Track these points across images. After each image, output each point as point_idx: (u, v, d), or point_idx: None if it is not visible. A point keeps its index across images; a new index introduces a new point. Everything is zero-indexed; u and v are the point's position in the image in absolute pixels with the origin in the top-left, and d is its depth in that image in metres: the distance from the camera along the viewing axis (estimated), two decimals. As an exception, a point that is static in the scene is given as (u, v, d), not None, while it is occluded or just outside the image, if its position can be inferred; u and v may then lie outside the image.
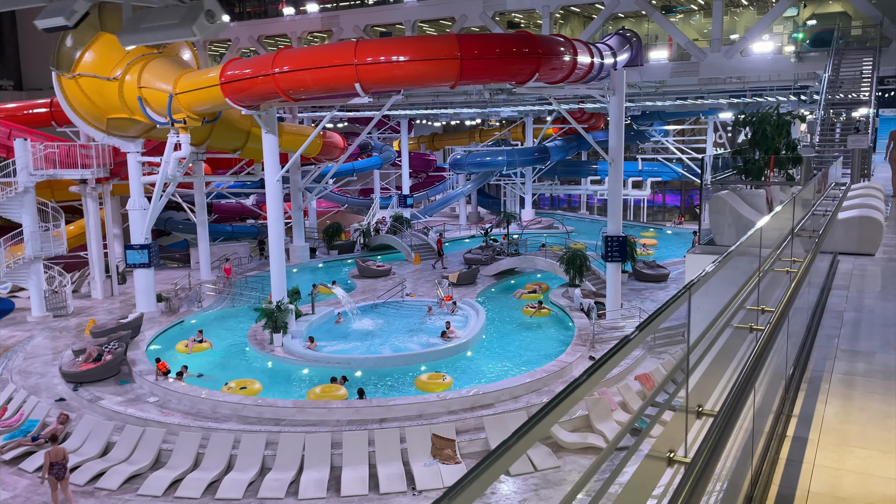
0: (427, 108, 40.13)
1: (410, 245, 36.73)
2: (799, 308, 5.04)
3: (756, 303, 3.62)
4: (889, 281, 7.03)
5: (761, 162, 10.14)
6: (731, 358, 3.33)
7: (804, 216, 6.65)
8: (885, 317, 5.56)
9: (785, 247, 4.86)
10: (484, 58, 18.80)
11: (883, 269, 7.72)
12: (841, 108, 23.94)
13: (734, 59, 29.34)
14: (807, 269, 5.09)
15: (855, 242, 8.44)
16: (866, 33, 28.12)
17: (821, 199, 7.06)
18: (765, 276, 3.71)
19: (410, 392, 18.53)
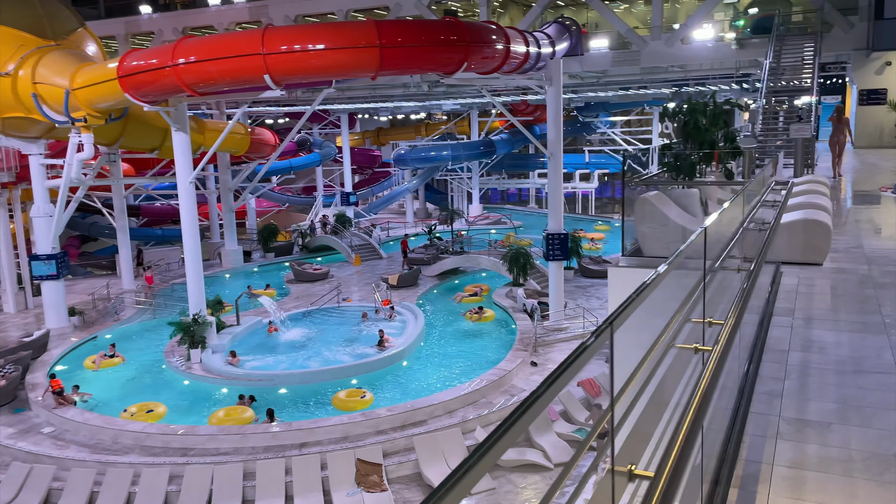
0: (366, 102, 38.49)
1: (351, 245, 35.13)
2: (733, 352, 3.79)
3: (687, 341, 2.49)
4: (841, 301, 5.88)
5: (694, 157, 8.98)
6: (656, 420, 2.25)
7: (742, 224, 5.50)
8: (840, 358, 4.39)
9: (720, 263, 3.68)
10: (406, 46, 17.34)
11: (832, 283, 6.58)
12: (783, 96, 23.27)
13: (675, 48, 28.53)
14: (744, 302, 3.85)
15: (800, 250, 7.31)
16: (807, 19, 27.59)
17: (759, 201, 5.87)
18: (688, 311, 2.52)
19: (336, 411, 17.05)
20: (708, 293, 3.17)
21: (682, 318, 2.62)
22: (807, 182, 10.94)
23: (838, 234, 9.19)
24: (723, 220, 4.56)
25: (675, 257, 2.68)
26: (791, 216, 7.63)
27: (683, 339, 2.92)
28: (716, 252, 4.02)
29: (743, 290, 3.58)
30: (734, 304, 3.29)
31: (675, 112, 9.10)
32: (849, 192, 15.21)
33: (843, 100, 34.35)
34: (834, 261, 7.57)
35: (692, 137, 9.08)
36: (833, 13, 25.95)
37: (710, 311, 3.30)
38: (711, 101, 10.88)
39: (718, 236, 4.35)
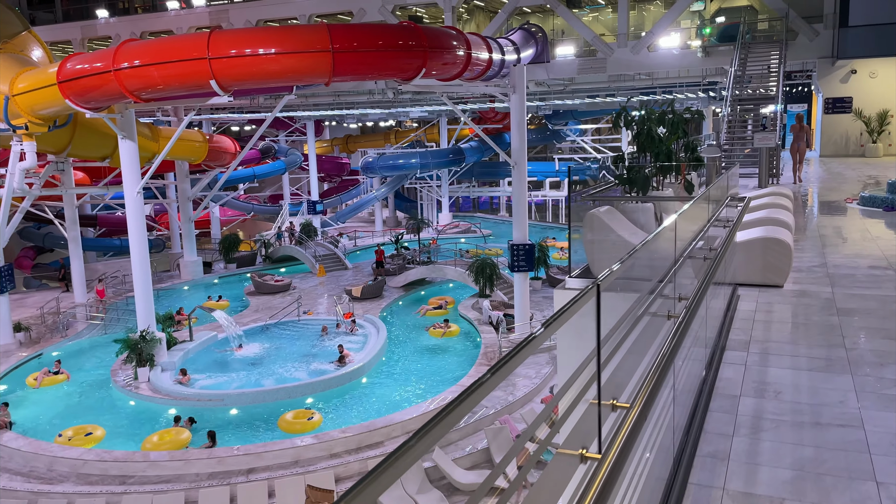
0: (331, 109, 37.72)
1: (315, 256, 34.25)
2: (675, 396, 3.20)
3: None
4: (801, 332, 5.31)
5: (649, 169, 8.43)
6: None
7: (684, 250, 4.92)
8: (798, 406, 3.78)
9: (663, 287, 3.10)
10: (360, 51, 16.67)
11: (793, 309, 6.02)
12: (749, 105, 23.01)
13: (641, 55, 28.22)
14: (682, 333, 3.27)
15: (759, 271, 6.75)
16: (773, 27, 27.46)
17: (711, 220, 5.29)
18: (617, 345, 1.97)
19: (284, 434, 16.22)
20: (641, 328, 2.59)
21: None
22: (769, 194, 10.46)
23: (801, 251, 8.68)
24: (661, 242, 4.01)
25: (607, 277, 2.37)
26: (750, 234, 7.08)
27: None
28: (661, 273, 3.47)
29: (673, 337, 2.96)
30: (659, 354, 2.68)
31: (628, 121, 8.54)
32: (814, 203, 14.85)
33: (809, 108, 34.38)
34: (796, 282, 7.03)
35: (646, 148, 8.53)
36: (798, 21, 25.83)
37: (638, 355, 2.68)
38: (669, 108, 10.37)
39: (664, 259, 3.80)
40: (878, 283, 6.85)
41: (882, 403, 3.88)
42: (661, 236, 3.33)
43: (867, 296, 6.36)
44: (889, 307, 5.94)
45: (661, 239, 3.60)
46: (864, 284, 6.85)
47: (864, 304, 6.07)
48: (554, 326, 1.96)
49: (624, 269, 2.55)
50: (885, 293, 6.46)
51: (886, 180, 16.65)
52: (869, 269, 7.50)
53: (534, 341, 1.76)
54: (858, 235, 9.70)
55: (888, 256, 8.11)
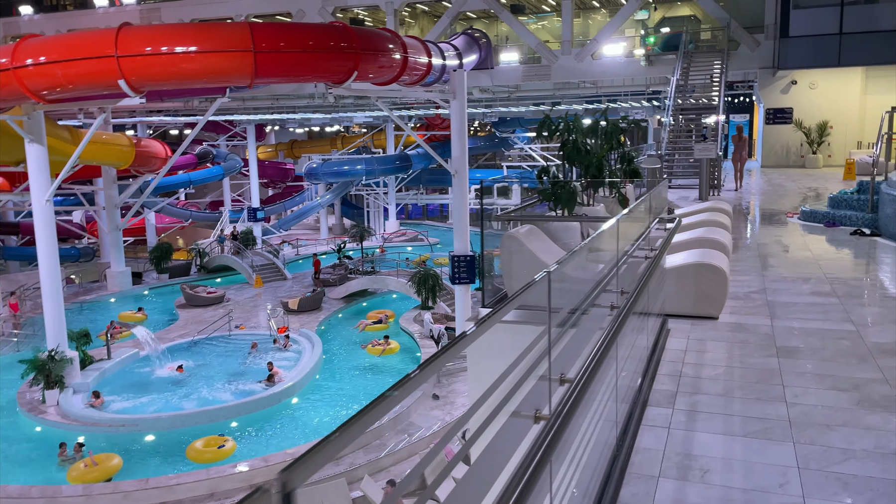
0: (270, 113, 36.40)
1: (252, 265, 32.84)
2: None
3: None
4: (737, 380, 4.56)
5: (577, 183, 7.69)
6: None
7: (612, 270, 4.18)
8: (728, 493, 2.98)
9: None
10: (286, 51, 15.67)
11: (728, 348, 5.29)
12: (691, 114, 22.74)
13: (585, 63, 27.83)
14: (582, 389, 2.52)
15: (691, 301, 6.03)
16: (715, 37, 27.39)
17: (637, 243, 4.52)
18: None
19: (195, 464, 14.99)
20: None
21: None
22: (707, 210, 9.85)
23: (740, 273, 8.04)
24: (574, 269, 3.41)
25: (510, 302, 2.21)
26: (682, 258, 6.36)
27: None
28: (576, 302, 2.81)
29: (566, 400, 2.21)
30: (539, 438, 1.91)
31: (552, 130, 7.77)
32: (755, 217, 14.42)
33: (750, 119, 34.61)
34: (733, 311, 6.33)
35: (573, 160, 7.79)
36: (740, 31, 25.77)
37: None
38: (602, 117, 9.72)
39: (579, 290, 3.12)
40: (822, 313, 6.20)
41: (831, 488, 3.13)
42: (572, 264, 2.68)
43: (810, 330, 5.68)
44: (834, 345, 5.25)
45: (574, 267, 3.22)
46: (807, 315, 6.19)
47: (806, 342, 5.38)
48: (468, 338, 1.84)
49: (529, 299, 2.43)
50: (829, 326, 5.80)
51: (827, 193, 16.39)
52: (811, 296, 6.87)
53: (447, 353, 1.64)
54: (800, 255, 9.14)
55: (831, 280, 7.51)
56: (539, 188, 7.38)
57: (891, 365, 4.81)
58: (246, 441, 16.20)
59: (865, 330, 5.67)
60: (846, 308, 6.39)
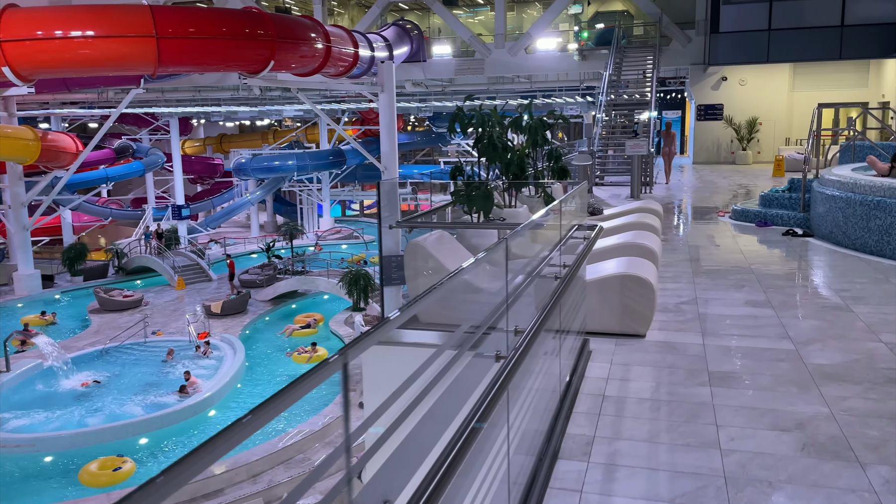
0: (192, 106, 34.64)
1: (174, 266, 31.15)
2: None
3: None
4: (663, 420, 3.89)
5: (495, 183, 6.97)
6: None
7: (524, 283, 3.53)
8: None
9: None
10: (193, 38, 14.49)
11: (655, 374, 4.63)
12: (624, 110, 22.46)
13: (519, 57, 27.31)
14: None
15: (616, 317, 5.36)
16: (647, 32, 27.26)
17: (550, 255, 3.87)
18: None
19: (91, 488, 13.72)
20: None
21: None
22: (635, 210, 9.28)
23: (670, 281, 7.46)
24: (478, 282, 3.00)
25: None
26: (605, 269, 5.68)
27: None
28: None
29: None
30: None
31: (465, 124, 7.01)
32: (686, 216, 14.05)
33: (683, 115, 34.83)
34: (662, 327, 5.69)
35: (488, 158, 7.06)
36: (671, 27, 25.68)
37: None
38: (526, 111, 9.03)
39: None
40: (757, 328, 5.62)
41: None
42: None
43: (745, 349, 5.08)
44: (772, 368, 4.65)
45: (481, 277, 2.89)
46: (741, 330, 5.60)
47: (742, 364, 4.76)
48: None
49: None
50: (765, 344, 5.21)
51: (757, 190, 16.22)
52: (745, 307, 6.31)
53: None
54: (733, 259, 8.65)
55: (765, 287, 7.00)
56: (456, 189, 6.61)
57: (835, 394, 4.22)
58: (153, 460, 14.97)
59: (805, 349, 5.10)
60: (783, 321, 5.84)
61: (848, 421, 3.81)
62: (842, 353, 4.95)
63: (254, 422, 1.23)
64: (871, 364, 4.73)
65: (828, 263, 8.55)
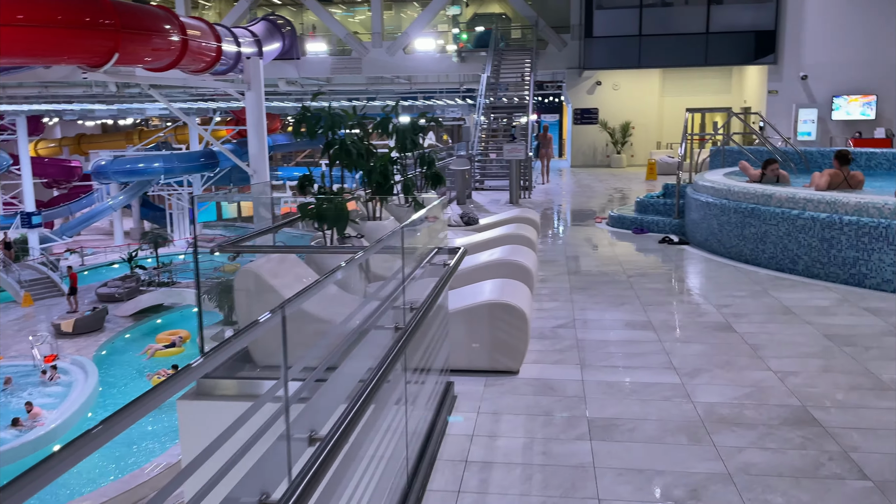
0: (40, 103, 31.40)
1: (20, 281, 28.00)
2: None
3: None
4: (536, 494, 3.16)
5: (360, 194, 6.13)
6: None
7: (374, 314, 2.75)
8: None
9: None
10: (21, 26, 12.64)
11: (527, 427, 3.91)
12: (502, 113, 22.20)
13: (398, 57, 26.55)
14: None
15: (485, 352, 4.62)
16: (525, 35, 27.26)
17: (401, 284, 3.08)
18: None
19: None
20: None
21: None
22: (511, 221, 8.68)
23: (547, 299, 6.87)
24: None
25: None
26: (473, 295, 4.94)
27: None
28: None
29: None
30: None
31: (311, 127, 6.09)
32: (567, 222, 13.76)
33: (560, 119, 35.34)
34: (537, 359, 5.02)
35: (344, 165, 6.17)
36: (548, 30, 25.76)
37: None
38: (392, 111, 8.20)
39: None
40: (639, 357, 5.06)
41: None
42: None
43: (626, 386, 4.48)
44: (657, 411, 4.05)
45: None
46: (623, 360, 5.03)
47: (624, 408, 4.14)
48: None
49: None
50: (649, 377, 4.64)
51: (633, 195, 16.26)
52: (626, 330, 5.77)
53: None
54: (611, 271, 8.21)
55: (646, 305, 6.52)
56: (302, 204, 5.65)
57: (729, 444, 3.66)
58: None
59: (692, 382, 4.57)
60: (665, 346, 5.33)
61: (747, 483, 3.23)
62: (731, 387, 4.45)
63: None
64: (762, 399, 4.25)
65: (706, 275, 8.30)
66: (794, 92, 22.35)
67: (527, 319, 4.72)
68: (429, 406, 3.95)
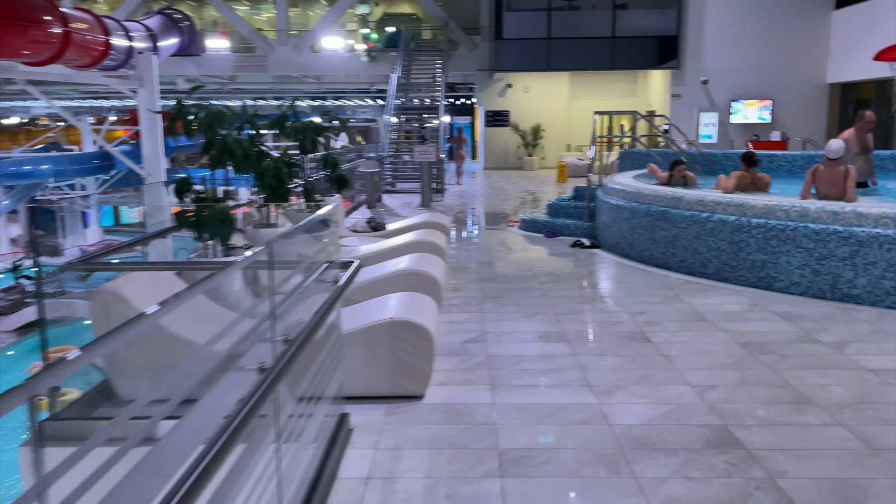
0: None
1: None
2: None
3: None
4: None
5: (254, 200, 5.56)
6: None
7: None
8: None
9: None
10: None
11: (432, 464, 3.47)
12: (413, 115, 21.80)
13: (304, 55, 25.70)
14: None
15: (387, 375, 4.19)
16: (435, 36, 26.97)
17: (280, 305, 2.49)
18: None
19: None
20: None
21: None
22: (420, 226, 8.25)
23: (457, 311, 6.48)
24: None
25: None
26: (375, 311, 4.47)
27: None
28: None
29: None
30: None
31: (188, 125, 5.45)
32: (477, 226, 13.48)
33: (473, 121, 35.31)
34: (445, 381, 4.61)
35: (235, 167, 5.57)
36: (458, 32, 25.55)
37: None
38: (289, 109, 7.64)
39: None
40: (552, 375, 4.73)
41: None
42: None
43: (540, 409, 4.11)
44: (573, 437, 3.70)
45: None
46: (535, 378, 4.68)
47: (538, 434, 3.77)
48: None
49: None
50: (563, 396, 4.30)
51: (545, 197, 16.19)
52: (539, 343, 5.44)
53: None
54: (524, 278, 7.92)
55: (559, 315, 6.22)
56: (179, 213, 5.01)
57: (650, 475, 3.34)
58: None
59: (608, 402, 4.25)
60: (580, 360, 5.02)
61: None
62: (650, 406, 4.17)
63: None
64: (683, 419, 3.97)
65: (618, 280, 8.13)
66: (696, 96, 23.04)
67: (432, 339, 4.28)
68: (317, 444, 3.44)
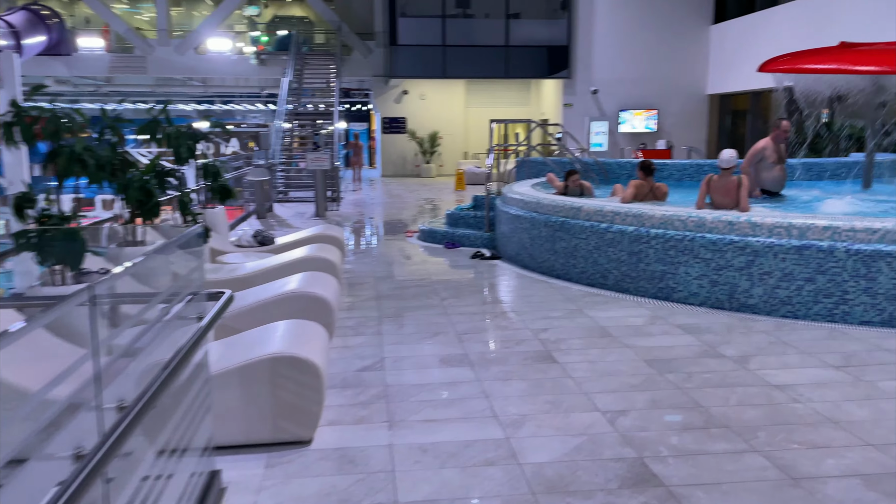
0: None
1: None
2: None
3: None
4: None
5: (120, 213, 4.89)
6: None
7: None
8: None
9: None
10: None
11: None
12: (307, 120, 21.05)
13: (188, 57, 24.35)
14: None
15: (268, 419, 3.68)
16: (329, 40, 26.28)
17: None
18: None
19: None
20: None
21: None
22: (311, 241, 7.70)
23: (353, 334, 6.00)
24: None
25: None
26: (254, 344, 3.93)
27: None
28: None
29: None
30: None
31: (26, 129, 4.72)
32: (375, 237, 13.03)
33: (369, 127, 34.77)
34: (336, 417, 4.12)
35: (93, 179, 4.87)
36: (352, 36, 24.99)
37: None
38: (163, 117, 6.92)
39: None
40: (455, 406, 4.36)
41: None
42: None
43: (443, 450, 3.72)
44: (480, 482, 3.34)
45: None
46: (437, 411, 4.28)
47: (441, 483, 3.36)
48: None
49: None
50: (468, 433, 3.94)
51: (443, 206, 15.92)
52: (441, 368, 5.07)
53: None
54: (423, 293, 7.54)
55: (461, 335, 5.87)
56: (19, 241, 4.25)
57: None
58: None
59: (517, 436, 3.91)
60: (485, 387, 4.67)
61: (595, 587, 2.58)
62: (560, 440, 3.86)
63: None
64: (596, 452, 3.69)
65: (519, 293, 7.90)
66: (587, 105, 23.56)
67: (320, 375, 3.79)
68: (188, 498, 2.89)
